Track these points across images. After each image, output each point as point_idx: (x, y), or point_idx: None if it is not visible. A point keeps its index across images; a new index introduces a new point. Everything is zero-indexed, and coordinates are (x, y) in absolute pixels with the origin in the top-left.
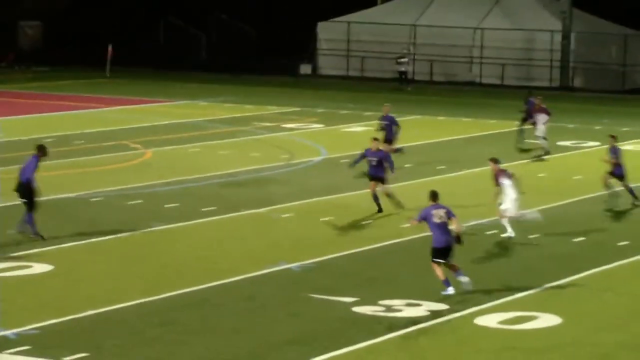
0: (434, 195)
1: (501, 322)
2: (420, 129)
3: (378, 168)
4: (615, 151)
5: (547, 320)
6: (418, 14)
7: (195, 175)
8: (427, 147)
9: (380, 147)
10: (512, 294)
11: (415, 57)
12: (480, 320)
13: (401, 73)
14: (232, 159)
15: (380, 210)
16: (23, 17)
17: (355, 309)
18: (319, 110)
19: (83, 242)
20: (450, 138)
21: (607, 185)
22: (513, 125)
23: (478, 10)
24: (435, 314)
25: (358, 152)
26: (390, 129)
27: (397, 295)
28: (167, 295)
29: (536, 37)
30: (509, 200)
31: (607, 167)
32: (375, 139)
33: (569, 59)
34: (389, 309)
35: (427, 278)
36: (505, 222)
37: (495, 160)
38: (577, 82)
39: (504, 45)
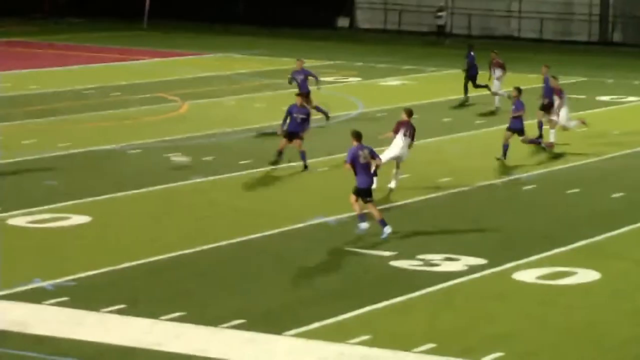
0: (358, 136)
1: (539, 278)
2: (457, 83)
3: (301, 125)
4: (517, 104)
5: (585, 275)
6: None
7: (232, 128)
8: (465, 102)
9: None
10: (551, 250)
11: (454, 10)
12: (518, 276)
13: (439, 27)
14: (269, 112)
15: (275, 163)
16: None
17: (393, 263)
18: (357, 64)
19: (120, 194)
20: (488, 92)
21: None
22: None
23: None
24: (473, 269)
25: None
26: (304, 84)
27: (435, 249)
28: (203, 248)
29: None
30: (391, 152)
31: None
32: (300, 95)
33: (608, 13)
34: (427, 263)
35: (466, 233)
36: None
37: (409, 112)
38: (616, 37)
39: None
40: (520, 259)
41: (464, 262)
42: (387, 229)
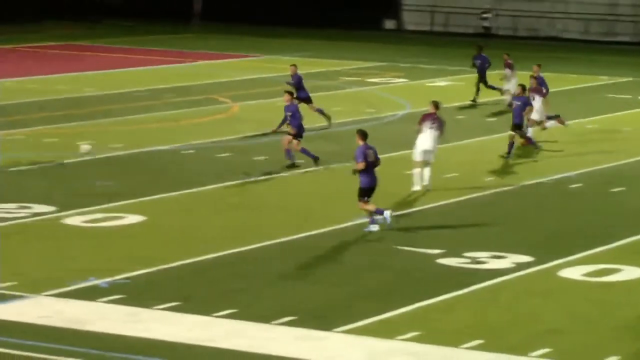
0: (364, 135)
1: (585, 275)
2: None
3: (290, 121)
4: (524, 101)
5: (631, 273)
6: None
7: (282, 129)
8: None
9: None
10: (596, 247)
11: (499, 12)
12: (565, 273)
13: (485, 28)
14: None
15: (293, 164)
16: None
17: (441, 260)
18: (403, 65)
19: (173, 193)
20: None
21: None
22: (597, 80)
23: None
24: (519, 267)
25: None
26: (303, 89)
27: (482, 247)
28: (254, 246)
29: None
30: (419, 145)
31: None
32: (287, 92)
33: None
34: (474, 261)
35: (512, 231)
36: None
37: (435, 105)
38: None
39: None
40: (566, 256)
41: (510, 259)
42: (387, 214)
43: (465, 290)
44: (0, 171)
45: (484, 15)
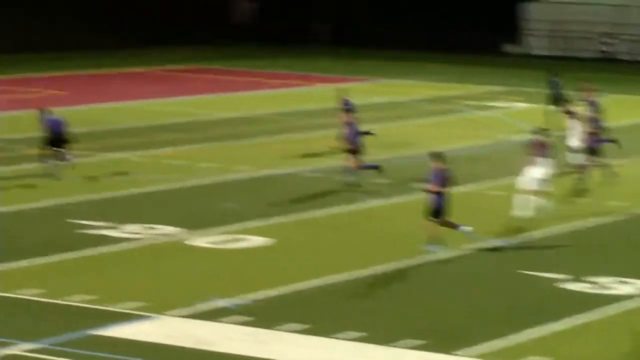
0: (439, 157)
1: None
2: (621, 109)
3: (352, 139)
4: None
5: None
6: None
7: (404, 153)
8: (628, 128)
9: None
10: None
11: (619, 37)
12: None
13: (605, 52)
14: (439, 137)
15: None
16: None
17: (565, 285)
18: (525, 89)
19: (299, 215)
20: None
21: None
22: None
23: None
24: None
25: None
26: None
27: (607, 272)
28: (378, 269)
29: None
30: (531, 174)
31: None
32: (342, 109)
33: None
34: (599, 286)
35: (638, 256)
36: (519, 198)
37: (540, 131)
38: None
39: None
40: None
41: (636, 285)
42: (431, 247)
43: (592, 315)
44: (126, 193)
45: (604, 40)
